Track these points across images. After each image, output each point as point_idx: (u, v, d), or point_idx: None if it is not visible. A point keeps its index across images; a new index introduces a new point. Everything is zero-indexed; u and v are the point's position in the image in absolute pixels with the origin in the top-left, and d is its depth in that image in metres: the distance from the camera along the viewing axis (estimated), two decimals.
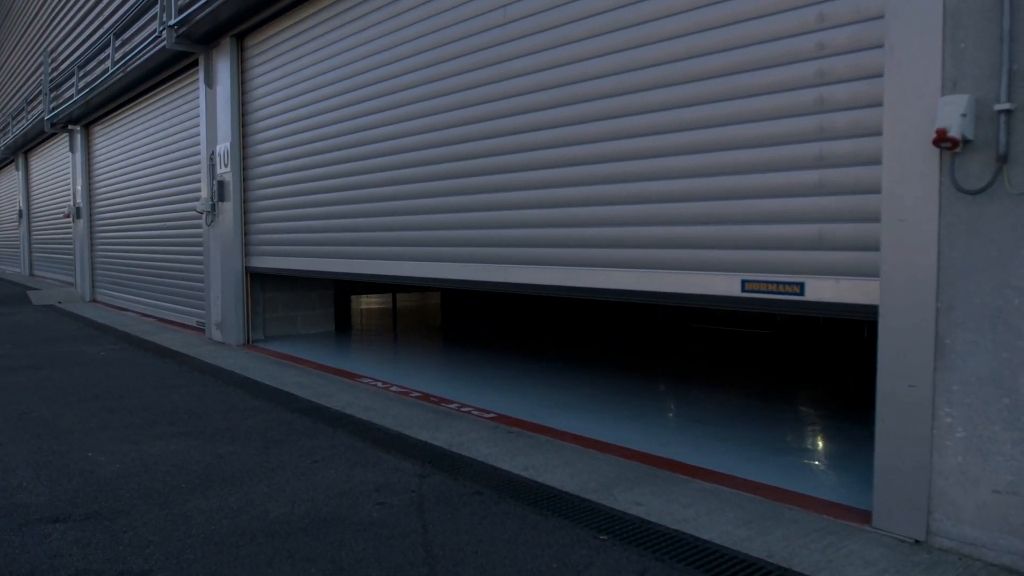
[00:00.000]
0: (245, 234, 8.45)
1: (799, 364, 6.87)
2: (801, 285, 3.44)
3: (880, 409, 3.05)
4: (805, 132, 3.42)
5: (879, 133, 3.12)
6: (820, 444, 4.35)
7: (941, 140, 2.75)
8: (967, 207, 2.80)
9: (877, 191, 3.14)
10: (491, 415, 5.05)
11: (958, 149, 2.80)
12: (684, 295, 3.94)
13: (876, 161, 3.15)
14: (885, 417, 3.04)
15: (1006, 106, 2.67)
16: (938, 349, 2.88)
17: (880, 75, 3.12)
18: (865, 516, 3.18)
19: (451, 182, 5.50)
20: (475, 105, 5.24)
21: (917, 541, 2.94)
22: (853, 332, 8.04)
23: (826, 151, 3.34)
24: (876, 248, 3.13)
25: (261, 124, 8.10)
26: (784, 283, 3.50)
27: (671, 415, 5.03)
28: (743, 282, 3.67)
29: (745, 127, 3.65)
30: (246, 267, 8.47)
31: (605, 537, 3.06)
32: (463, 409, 5.23)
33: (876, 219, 3.15)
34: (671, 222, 4.02)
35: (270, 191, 7.98)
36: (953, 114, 2.75)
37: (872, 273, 3.17)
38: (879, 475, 3.05)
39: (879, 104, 3.12)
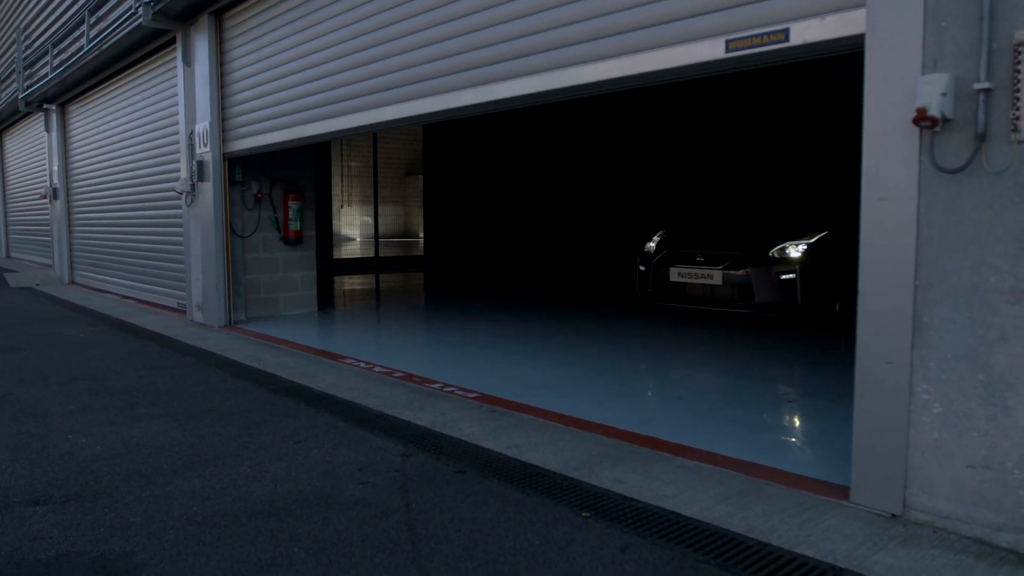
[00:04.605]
0: (224, 148, 8.38)
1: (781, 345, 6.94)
2: (786, 31, 3.39)
3: (858, 385, 3.09)
4: None
5: None
6: (798, 420, 4.41)
7: (921, 119, 2.76)
8: (946, 186, 2.83)
9: None
10: (474, 394, 5.06)
11: (937, 128, 2.81)
12: (668, 70, 3.90)
13: None
14: (863, 393, 3.07)
15: (985, 85, 2.69)
16: (916, 326, 2.92)
17: None
18: (843, 491, 3.23)
19: (433, 13, 5.43)
20: None
21: (894, 515, 2.99)
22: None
23: None
24: None
25: (240, 97, 7.99)
26: (768, 33, 3.46)
27: (650, 394, 5.07)
28: (726, 43, 3.63)
29: None
30: (223, 153, 8.29)
31: (587, 514, 3.09)
32: (446, 389, 5.24)
33: None
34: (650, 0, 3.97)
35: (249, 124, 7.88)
36: (933, 93, 2.76)
37: (856, 4, 3.13)
38: (857, 451, 3.10)
39: None
